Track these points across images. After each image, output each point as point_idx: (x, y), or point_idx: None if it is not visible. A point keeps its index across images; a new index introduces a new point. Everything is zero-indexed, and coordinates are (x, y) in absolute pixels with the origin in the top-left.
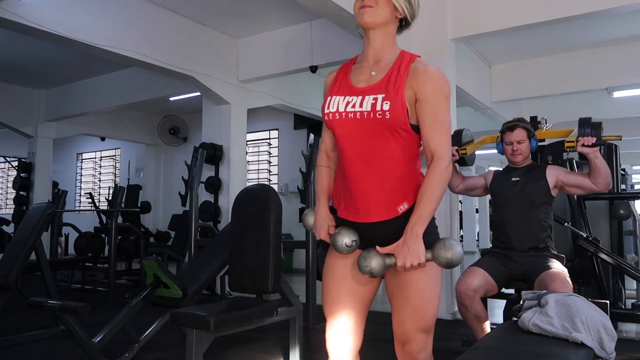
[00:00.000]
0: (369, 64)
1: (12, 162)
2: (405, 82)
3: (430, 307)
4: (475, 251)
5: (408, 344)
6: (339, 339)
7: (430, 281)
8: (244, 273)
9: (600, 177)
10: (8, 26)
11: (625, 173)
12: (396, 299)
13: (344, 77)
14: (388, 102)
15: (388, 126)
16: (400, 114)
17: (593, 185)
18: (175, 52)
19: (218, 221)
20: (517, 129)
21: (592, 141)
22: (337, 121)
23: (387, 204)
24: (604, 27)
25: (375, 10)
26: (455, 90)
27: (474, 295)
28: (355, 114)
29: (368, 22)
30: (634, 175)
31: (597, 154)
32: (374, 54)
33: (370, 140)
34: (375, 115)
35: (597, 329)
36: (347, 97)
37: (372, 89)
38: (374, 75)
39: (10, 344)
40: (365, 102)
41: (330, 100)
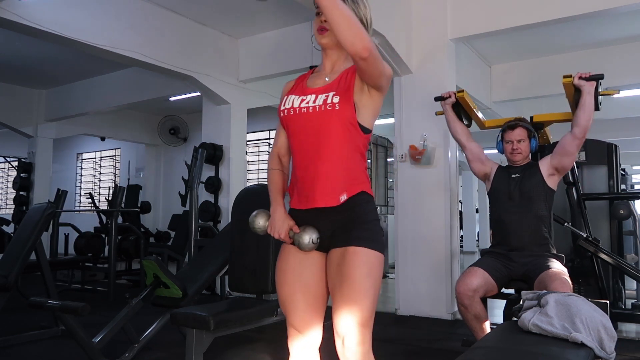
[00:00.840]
0: (325, 73)
1: (12, 162)
2: (354, 81)
3: (366, 300)
4: (475, 251)
5: (346, 338)
6: (298, 334)
7: (366, 272)
8: (244, 273)
9: (583, 116)
10: (8, 26)
11: (625, 173)
12: (335, 292)
13: (301, 82)
14: (338, 96)
15: (337, 117)
16: (348, 108)
17: (571, 135)
18: (175, 52)
19: (218, 221)
20: (518, 128)
21: (589, 74)
22: (292, 116)
23: (331, 192)
24: (604, 27)
25: (331, 32)
26: (455, 91)
27: (473, 295)
28: (308, 108)
29: (324, 43)
30: (634, 175)
31: (591, 89)
32: (330, 65)
33: (321, 132)
34: (326, 107)
35: (597, 329)
36: (302, 96)
37: (325, 89)
38: (328, 80)
39: (10, 344)
40: (318, 98)
41: (286, 99)
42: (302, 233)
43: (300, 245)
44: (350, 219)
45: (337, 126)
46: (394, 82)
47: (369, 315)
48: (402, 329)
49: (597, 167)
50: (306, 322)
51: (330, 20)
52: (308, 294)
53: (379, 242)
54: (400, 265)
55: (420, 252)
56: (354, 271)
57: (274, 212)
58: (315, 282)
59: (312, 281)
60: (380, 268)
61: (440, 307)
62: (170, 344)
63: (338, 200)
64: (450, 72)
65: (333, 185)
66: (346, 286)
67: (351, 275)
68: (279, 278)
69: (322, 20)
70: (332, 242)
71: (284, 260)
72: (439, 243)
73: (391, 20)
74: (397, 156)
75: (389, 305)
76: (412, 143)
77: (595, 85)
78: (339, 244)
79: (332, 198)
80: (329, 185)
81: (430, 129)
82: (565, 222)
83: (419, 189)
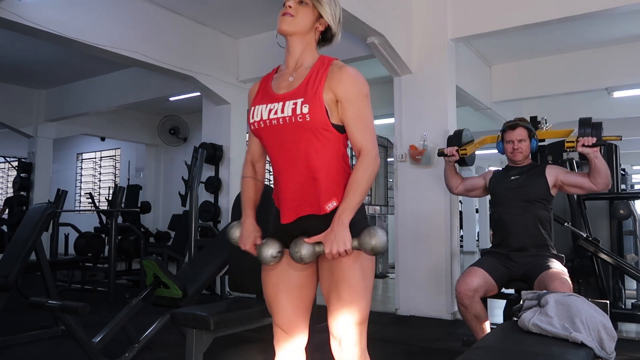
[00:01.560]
0: (289, 71)
1: (12, 162)
2: (324, 84)
3: (363, 301)
4: (475, 251)
5: (344, 339)
6: (284, 335)
7: (360, 275)
8: (244, 273)
9: (599, 177)
10: (8, 26)
11: (625, 173)
12: (330, 295)
13: (266, 86)
14: (307, 105)
15: (309, 128)
16: (319, 115)
17: (592, 185)
18: (175, 52)
19: (218, 221)
20: (519, 128)
21: (592, 141)
22: (263, 129)
23: (315, 202)
24: (604, 27)
25: (294, 19)
26: (455, 90)
27: (473, 296)
28: (278, 120)
29: (285, 29)
30: (634, 175)
31: (597, 154)
32: (293, 61)
33: (294, 142)
34: (297, 119)
35: (597, 329)
36: (269, 105)
37: (292, 95)
38: (292, 81)
39: (10, 344)
40: (286, 107)
41: (254, 110)
42: (262, 246)
43: (259, 258)
44: None
45: (310, 136)
46: (394, 82)
47: (365, 315)
48: (402, 329)
49: None
50: (292, 323)
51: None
52: (293, 294)
53: None
54: (400, 265)
55: (420, 252)
56: (350, 274)
57: (242, 223)
58: (302, 284)
59: (298, 283)
60: (372, 267)
61: (440, 307)
62: (170, 344)
63: (325, 209)
64: (450, 72)
65: (317, 197)
66: (342, 289)
67: (347, 278)
68: (264, 279)
69: (287, 5)
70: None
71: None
72: (439, 243)
73: (391, 20)
74: (397, 156)
75: (389, 305)
76: (412, 143)
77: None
78: None
79: (318, 208)
80: (312, 197)
81: (430, 129)
82: (565, 222)
83: (419, 189)
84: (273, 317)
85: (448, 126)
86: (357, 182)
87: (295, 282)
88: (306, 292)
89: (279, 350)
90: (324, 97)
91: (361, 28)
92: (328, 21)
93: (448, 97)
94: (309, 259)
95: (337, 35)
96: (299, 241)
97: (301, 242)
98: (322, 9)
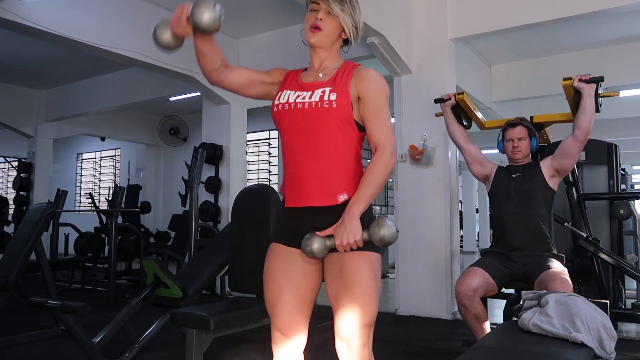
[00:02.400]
0: (315, 70)
1: (12, 162)
2: (350, 81)
3: (372, 302)
4: (475, 251)
5: (353, 341)
6: (283, 338)
7: (372, 276)
8: (244, 273)
9: (584, 118)
10: (8, 26)
11: (625, 173)
12: (339, 297)
13: (295, 76)
14: (335, 93)
15: (334, 115)
16: (345, 105)
17: (572, 137)
18: (175, 52)
19: (218, 221)
20: (519, 127)
21: (589, 76)
22: (286, 111)
23: (328, 190)
24: (604, 27)
25: (323, 33)
26: (455, 90)
27: (473, 295)
28: (304, 104)
29: (314, 42)
30: (634, 175)
31: (591, 91)
32: (319, 62)
33: (316, 129)
34: (323, 105)
35: (597, 329)
36: (297, 92)
37: (321, 84)
38: (321, 77)
39: (10, 344)
40: (314, 94)
41: (281, 94)
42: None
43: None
44: None
45: (332, 124)
46: (394, 82)
47: (375, 317)
48: (402, 329)
49: (597, 167)
50: (292, 325)
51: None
52: (297, 296)
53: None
54: (401, 265)
55: (420, 252)
56: (361, 275)
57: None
58: (306, 284)
59: (303, 283)
60: (380, 269)
61: (440, 307)
62: (170, 344)
63: (337, 199)
64: (450, 72)
65: (330, 184)
66: (354, 290)
67: (358, 279)
68: (267, 278)
69: (318, 17)
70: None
71: (273, 260)
72: (439, 243)
73: (391, 20)
74: (397, 156)
75: (389, 305)
76: (412, 143)
77: (595, 88)
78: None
79: (328, 198)
80: (326, 184)
81: (430, 129)
82: (565, 222)
83: (419, 189)
84: (273, 320)
85: None
86: (372, 175)
87: (301, 283)
88: (310, 294)
89: (276, 353)
90: (350, 91)
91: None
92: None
93: None
94: (320, 253)
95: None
96: (311, 235)
97: (312, 236)
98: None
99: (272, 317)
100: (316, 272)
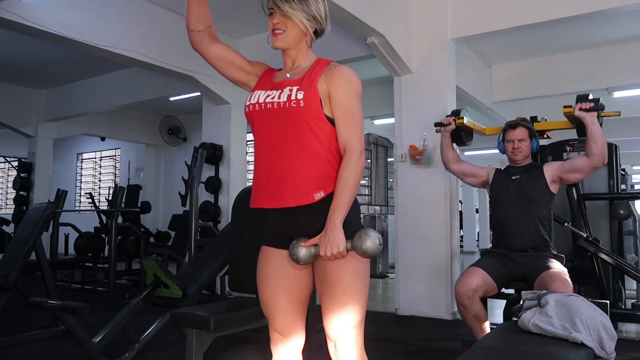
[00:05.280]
0: (287, 69)
1: (12, 162)
2: (320, 77)
3: (357, 303)
4: (475, 251)
5: (339, 341)
6: (281, 338)
7: (353, 277)
8: (244, 273)
9: (595, 146)
10: (8, 26)
11: (625, 173)
12: (325, 298)
13: (269, 75)
14: (302, 91)
15: (302, 114)
16: (313, 102)
17: (588, 160)
18: (175, 52)
19: (218, 221)
20: (519, 128)
21: (589, 105)
22: (257, 112)
23: (302, 190)
24: (604, 27)
25: (285, 34)
26: (455, 90)
27: (473, 296)
28: (273, 104)
29: (279, 46)
30: (634, 175)
31: (594, 119)
32: (291, 62)
33: (287, 128)
34: (291, 105)
35: (597, 329)
36: (267, 91)
37: (289, 83)
38: (290, 76)
39: (10, 344)
40: (283, 94)
41: (253, 94)
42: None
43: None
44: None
45: (302, 123)
46: (394, 82)
47: (361, 317)
48: (402, 329)
49: None
50: (289, 325)
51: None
52: (290, 296)
53: None
54: (400, 265)
55: (420, 252)
56: (342, 276)
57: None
58: (297, 285)
59: (294, 283)
60: (367, 268)
61: (440, 307)
62: (170, 344)
63: (313, 197)
64: (450, 72)
65: (304, 183)
66: (336, 291)
67: (340, 281)
68: (260, 281)
69: (274, 22)
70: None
71: (265, 264)
72: (439, 243)
73: (391, 20)
74: (397, 156)
75: (389, 305)
76: (412, 143)
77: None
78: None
79: (305, 196)
80: (299, 184)
81: (430, 129)
82: (565, 222)
83: (419, 189)
84: (270, 321)
85: None
86: (344, 181)
87: (293, 284)
88: (303, 294)
89: (276, 353)
90: (318, 87)
91: (361, 28)
92: (308, 27)
93: (448, 97)
94: (307, 261)
95: (326, 29)
96: (297, 244)
97: (298, 245)
98: (299, 21)
99: (269, 319)
100: (307, 272)
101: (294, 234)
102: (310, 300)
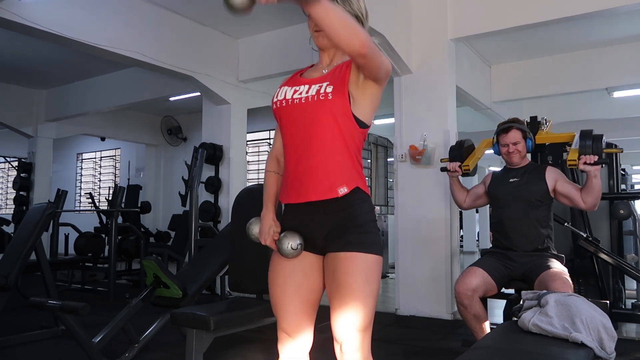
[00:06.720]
0: (322, 66)
1: (12, 162)
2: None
3: (364, 307)
4: (475, 251)
5: (345, 343)
6: (288, 338)
7: (363, 280)
8: (244, 273)
9: (590, 197)
10: (8, 26)
11: (625, 173)
12: (333, 299)
13: (297, 74)
14: (331, 86)
15: (331, 108)
16: (342, 97)
17: (581, 202)
18: (175, 52)
19: (218, 221)
20: (512, 131)
21: (594, 159)
22: (284, 108)
23: (327, 184)
24: (604, 27)
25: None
26: (455, 90)
27: (472, 295)
28: (301, 99)
29: (324, 44)
30: (634, 175)
31: (597, 173)
32: (329, 59)
33: (313, 122)
34: (319, 97)
35: (597, 329)
36: (294, 87)
37: (319, 80)
38: (324, 72)
39: (10, 344)
40: (312, 89)
41: (279, 91)
42: (282, 239)
43: (280, 252)
44: (345, 220)
45: (329, 117)
46: (394, 82)
47: (368, 321)
48: (402, 329)
49: None
50: (297, 326)
51: (323, 27)
52: (300, 296)
53: (376, 245)
54: (400, 265)
55: (420, 252)
56: (351, 278)
57: (263, 217)
58: (308, 285)
59: (305, 284)
60: (378, 271)
61: (440, 307)
62: (170, 344)
63: (336, 192)
64: (450, 72)
65: (327, 178)
66: (344, 293)
67: (348, 283)
68: (271, 280)
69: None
70: (328, 246)
71: (277, 262)
72: (439, 243)
73: (391, 20)
74: (397, 156)
75: (389, 305)
76: (412, 143)
77: (599, 169)
78: (334, 249)
79: (328, 191)
80: (323, 179)
81: (430, 129)
82: (565, 222)
83: (419, 189)
84: (278, 321)
85: (448, 126)
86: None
87: (304, 285)
88: (314, 295)
89: (282, 353)
90: (349, 86)
91: None
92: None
93: (448, 97)
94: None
95: (366, 26)
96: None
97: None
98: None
99: (277, 318)
100: (317, 272)
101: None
102: None
